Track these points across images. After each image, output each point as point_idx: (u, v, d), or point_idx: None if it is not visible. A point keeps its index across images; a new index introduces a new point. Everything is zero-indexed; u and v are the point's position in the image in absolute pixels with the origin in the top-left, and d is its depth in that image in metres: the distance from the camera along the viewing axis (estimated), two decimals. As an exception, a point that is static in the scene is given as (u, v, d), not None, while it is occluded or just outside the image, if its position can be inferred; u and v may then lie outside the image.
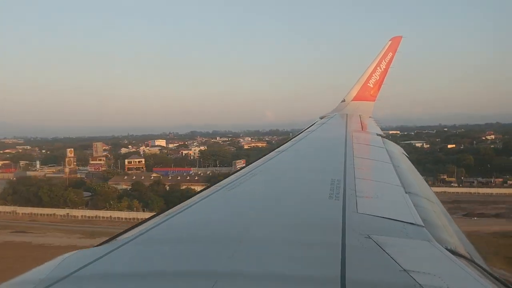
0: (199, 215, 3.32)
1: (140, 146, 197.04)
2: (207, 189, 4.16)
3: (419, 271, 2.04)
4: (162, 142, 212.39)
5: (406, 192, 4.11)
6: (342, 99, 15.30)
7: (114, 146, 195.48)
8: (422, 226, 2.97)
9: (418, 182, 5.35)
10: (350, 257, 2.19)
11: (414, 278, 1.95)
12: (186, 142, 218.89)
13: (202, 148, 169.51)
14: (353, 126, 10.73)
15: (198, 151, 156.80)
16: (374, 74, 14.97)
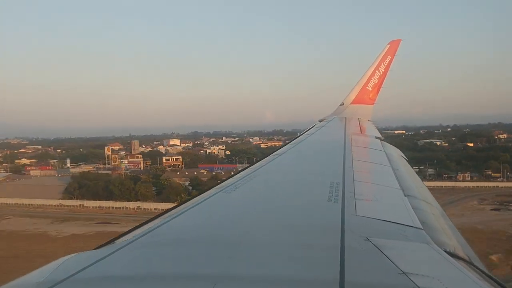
0: (199, 218, 3.32)
1: (153, 145, 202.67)
2: (207, 191, 4.16)
3: (418, 274, 2.04)
4: (176, 142, 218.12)
5: (405, 195, 4.11)
6: (341, 102, 15.34)
7: (128, 145, 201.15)
8: (421, 228, 2.98)
9: (417, 185, 5.36)
10: (349, 259, 2.19)
11: (413, 281, 1.95)
12: (197, 141, 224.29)
13: (220, 147, 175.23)
14: (352, 129, 10.76)
15: (218, 149, 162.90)
16: (373, 78, 15.02)
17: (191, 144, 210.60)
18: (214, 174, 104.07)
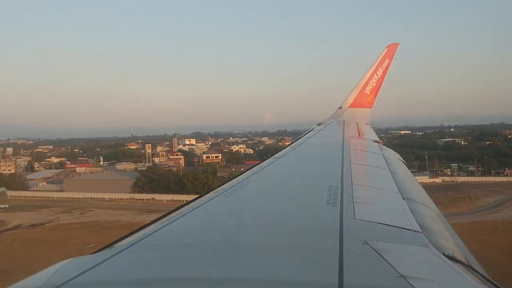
0: (197, 221, 3.32)
1: (163, 145, 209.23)
2: (205, 195, 4.16)
3: (417, 277, 2.05)
4: (192, 141, 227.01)
5: (403, 198, 4.12)
6: (339, 106, 15.35)
7: (143, 145, 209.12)
8: (420, 232, 2.98)
9: (415, 188, 5.37)
10: (348, 263, 2.19)
11: (411, 284, 1.95)
12: (207, 141, 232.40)
13: (242, 146, 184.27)
14: (350, 133, 10.77)
15: (245, 148, 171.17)
16: (370, 81, 15.04)
17: (209, 143, 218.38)
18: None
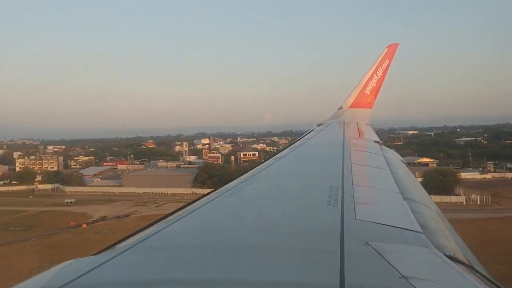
0: (198, 222, 3.31)
1: (173, 145, 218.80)
2: (207, 195, 4.16)
3: (418, 278, 2.04)
4: (206, 141, 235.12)
5: (404, 198, 4.12)
6: (340, 106, 15.35)
7: (161, 145, 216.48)
8: (421, 232, 2.98)
9: (416, 188, 5.37)
10: (349, 263, 2.18)
11: (412, 285, 1.95)
12: (216, 142, 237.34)
13: (262, 145, 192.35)
14: (350, 133, 10.77)
15: (270, 148, 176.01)
16: (370, 82, 15.04)
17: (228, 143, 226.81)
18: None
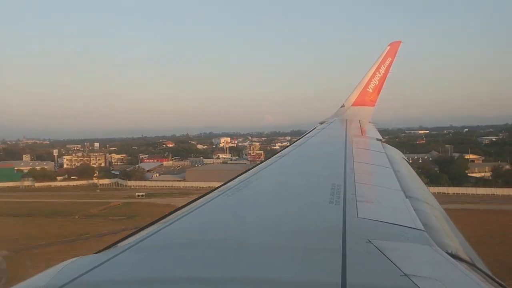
0: (200, 221, 3.32)
1: (207, 144, 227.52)
2: (208, 193, 4.16)
3: (420, 276, 2.04)
4: (227, 139, 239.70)
5: (406, 196, 4.10)
6: (342, 104, 15.32)
7: (180, 144, 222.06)
8: (423, 230, 2.97)
9: (418, 186, 5.35)
10: (351, 261, 2.18)
11: (415, 283, 1.94)
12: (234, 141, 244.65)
13: (286, 144, 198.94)
14: (353, 131, 10.76)
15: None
16: (373, 79, 15.01)
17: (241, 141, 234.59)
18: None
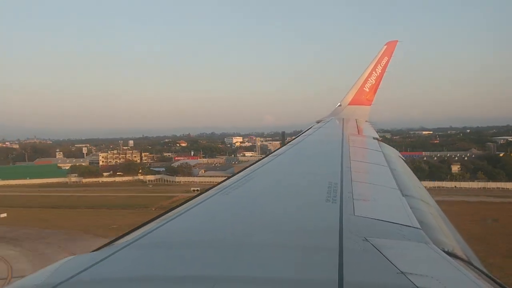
0: (197, 219, 3.32)
1: (220, 143, 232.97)
2: (205, 192, 4.16)
3: (417, 273, 2.05)
4: (239, 139, 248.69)
5: (403, 194, 4.12)
6: (339, 104, 15.36)
7: (192, 143, 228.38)
8: (419, 228, 2.98)
9: (415, 184, 5.37)
10: (348, 259, 2.19)
11: (411, 280, 1.95)
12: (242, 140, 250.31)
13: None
14: (349, 130, 10.78)
15: None
16: (369, 79, 15.06)
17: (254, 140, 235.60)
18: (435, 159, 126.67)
